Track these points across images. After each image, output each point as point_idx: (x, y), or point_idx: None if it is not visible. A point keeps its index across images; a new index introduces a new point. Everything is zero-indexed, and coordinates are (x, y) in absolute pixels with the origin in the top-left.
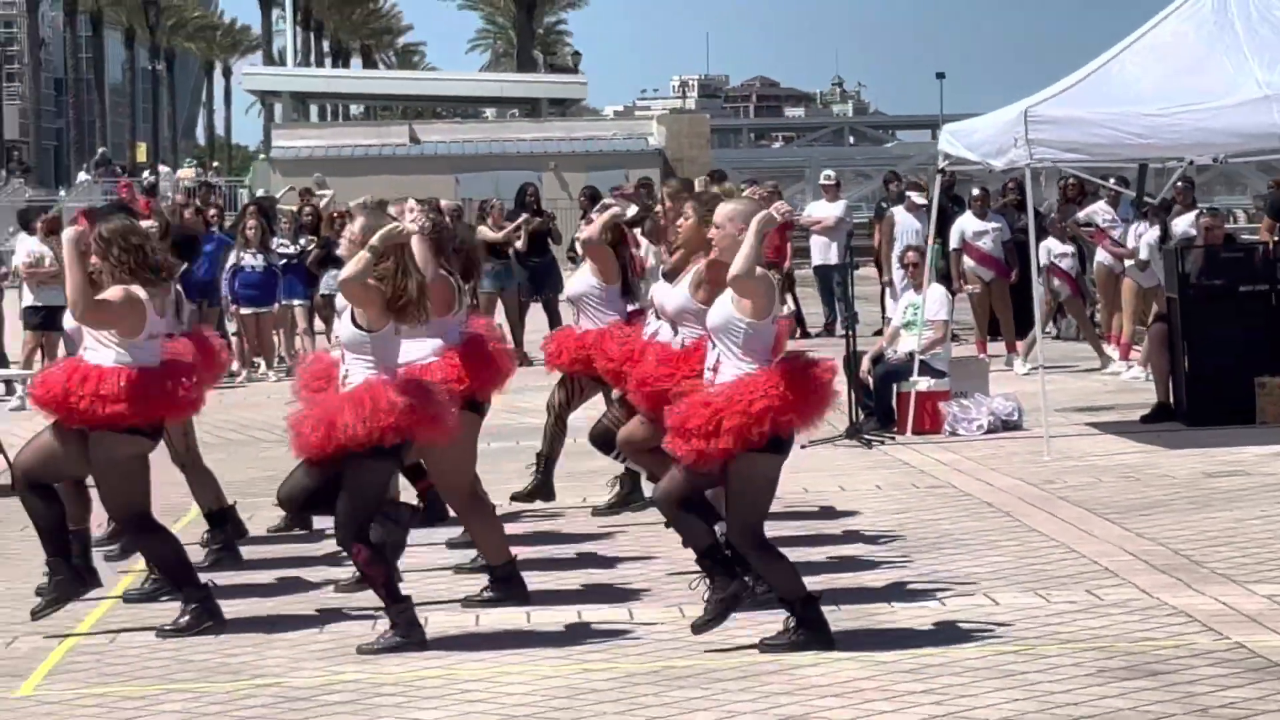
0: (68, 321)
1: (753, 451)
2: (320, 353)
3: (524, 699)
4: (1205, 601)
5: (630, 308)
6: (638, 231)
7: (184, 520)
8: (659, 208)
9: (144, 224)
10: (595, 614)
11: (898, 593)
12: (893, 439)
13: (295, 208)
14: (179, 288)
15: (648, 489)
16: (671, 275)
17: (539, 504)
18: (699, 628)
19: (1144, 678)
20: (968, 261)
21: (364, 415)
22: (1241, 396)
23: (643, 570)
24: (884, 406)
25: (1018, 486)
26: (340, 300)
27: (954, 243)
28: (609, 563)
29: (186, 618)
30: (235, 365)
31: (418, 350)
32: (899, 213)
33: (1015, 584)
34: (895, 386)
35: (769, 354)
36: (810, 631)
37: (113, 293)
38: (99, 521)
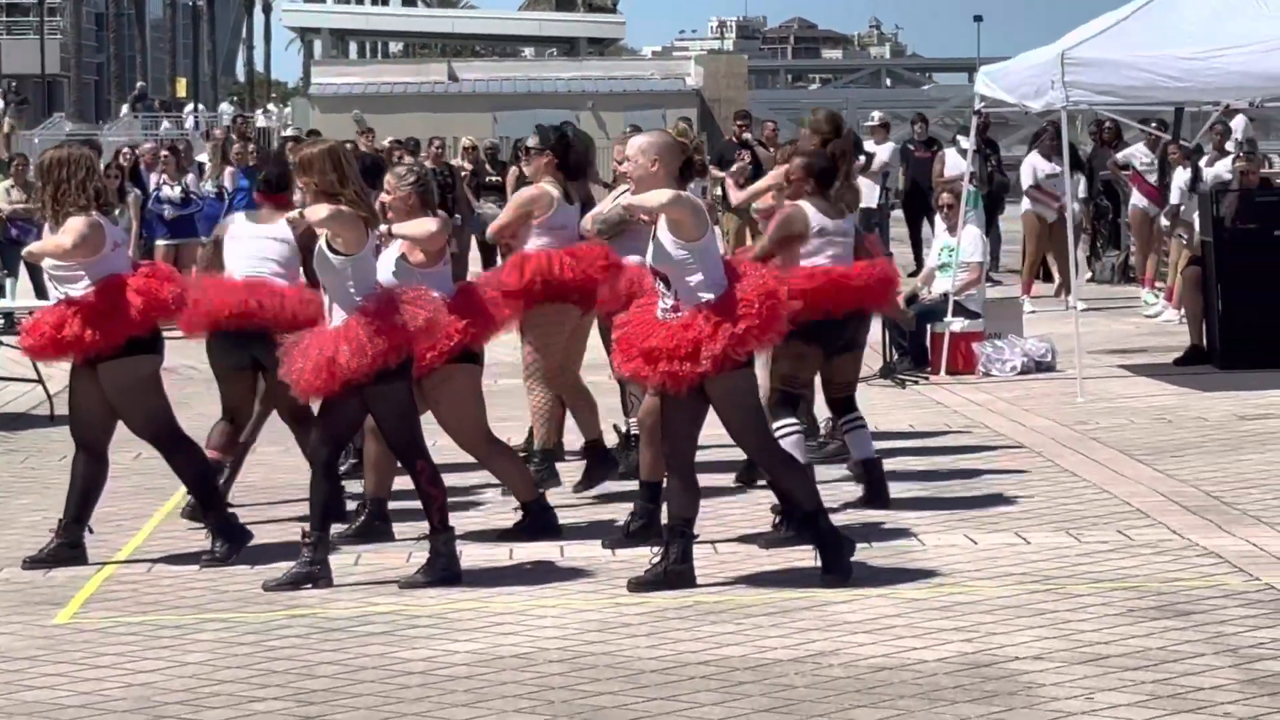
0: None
1: (731, 370)
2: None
3: (556, 632)
4: (1236, 543)
5: None
6: None
7: None
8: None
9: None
10: (627, 550)
11: (929, 531)
12: (926, 379)
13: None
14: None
15: None
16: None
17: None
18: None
19: (1174, 618)
20: (1031, 203)
21: (360, 346)
22: (1275, 339)
23: None
24: (918, 347)
25: (1050, 427)
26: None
27: (1027, 182)
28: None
29: (222, 546)
30: None
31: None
32: (951, 154)
33: (1047, 524)
34: (929, 327)
35: (723, 274)
36: (829, 548)
37: (71, 226)
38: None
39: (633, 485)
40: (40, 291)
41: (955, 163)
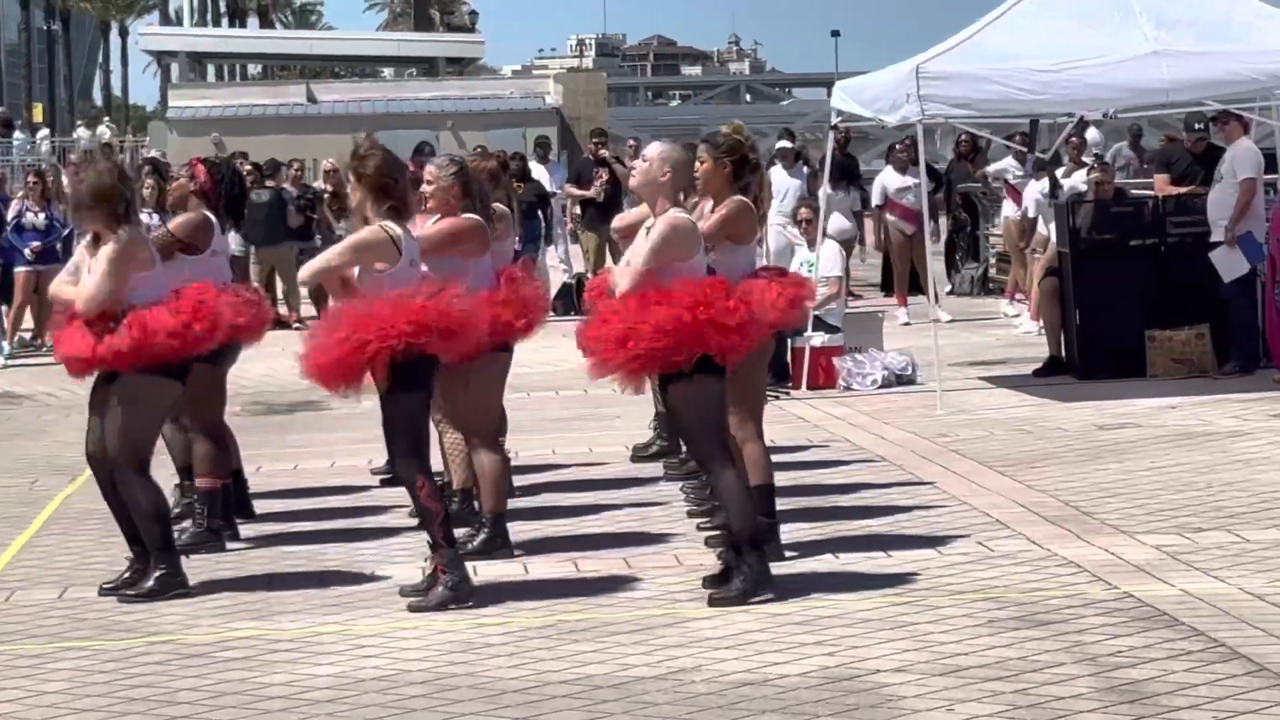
0: None
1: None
2: None
3: (419, 654)
4: (1095, 552)
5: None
6: None
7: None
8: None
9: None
10: (490, 569)
11: (790, 545)
12: (787, 394)
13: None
14: None
15: None
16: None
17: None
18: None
19: (1033, 627)
20: (889, 217)
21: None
22: (1132, 350)
23: (537, 526)
24: (778, 362)
25: (910, 440)
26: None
27: (876, 199)
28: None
29: (152, 582)
30: None
31: None
32: (775, 172)
33: (907, 536)
34: (790, 342)
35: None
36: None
37: None
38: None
39: None
40: None
41: (780, 181)
